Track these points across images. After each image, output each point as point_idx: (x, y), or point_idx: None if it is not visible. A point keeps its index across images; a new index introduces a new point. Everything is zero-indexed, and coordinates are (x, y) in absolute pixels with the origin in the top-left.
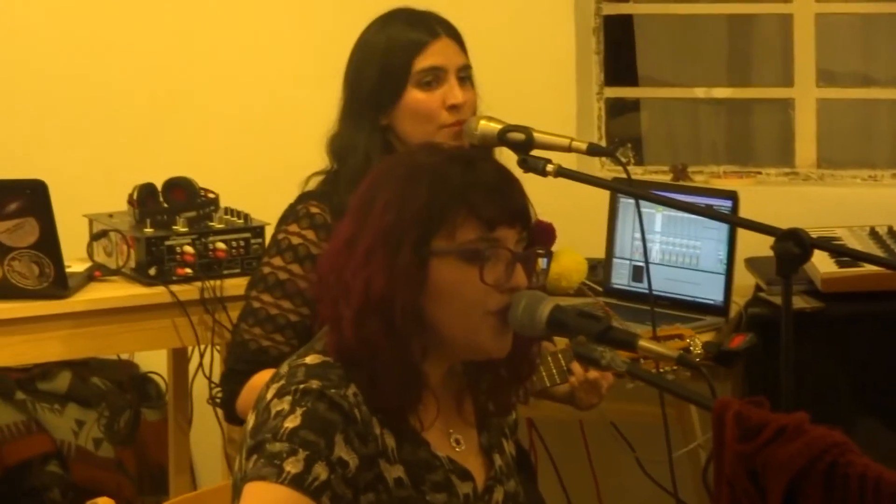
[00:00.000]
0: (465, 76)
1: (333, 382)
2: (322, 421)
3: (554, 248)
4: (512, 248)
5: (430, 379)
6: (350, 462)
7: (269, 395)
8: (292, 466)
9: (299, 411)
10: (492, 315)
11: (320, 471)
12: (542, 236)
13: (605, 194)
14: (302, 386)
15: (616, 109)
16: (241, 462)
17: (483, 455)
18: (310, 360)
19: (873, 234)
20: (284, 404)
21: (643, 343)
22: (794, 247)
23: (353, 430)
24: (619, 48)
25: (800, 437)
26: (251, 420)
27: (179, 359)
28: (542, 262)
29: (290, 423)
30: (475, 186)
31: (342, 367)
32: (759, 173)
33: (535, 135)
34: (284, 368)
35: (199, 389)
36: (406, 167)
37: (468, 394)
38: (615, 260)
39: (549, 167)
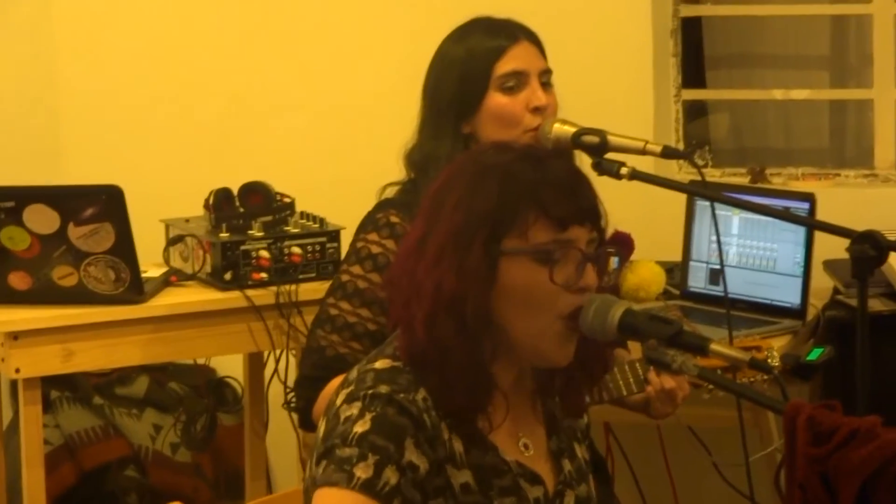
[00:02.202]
0: (546, 80)
1: (402, 387)
2: (391, 425)
3: (633, 258)
4: (583, 247)
5: (500, 381)
6: (420, 466)
7: (339, 401)
8: (362, 471)
9: (368, 416)
10: (561, 320)
11: (390, 475)
12: (620, 247)
13: (682, 197)
14: (371, 391)
15: (691, 113)
16: (312, 467)
17: (552, 459)
18: (379, 364)
19: None
20: (354, 409)
21: (715, 346)
22: (870, 249)
23: (423, 434)
24: (687, 51)
25: (872, 441)
26: (322, 426)
27: (255, 363)
28: (613, 262)
29: (360, 427)
30: (545, 184)
31: (412, 371)
32: (838, 175)
33: (610, 138)
34: (354, 373)
35: (275, 394)
36: (476, 166)
37: (538, 397)
38: (692, 263)
39: (624, 170)
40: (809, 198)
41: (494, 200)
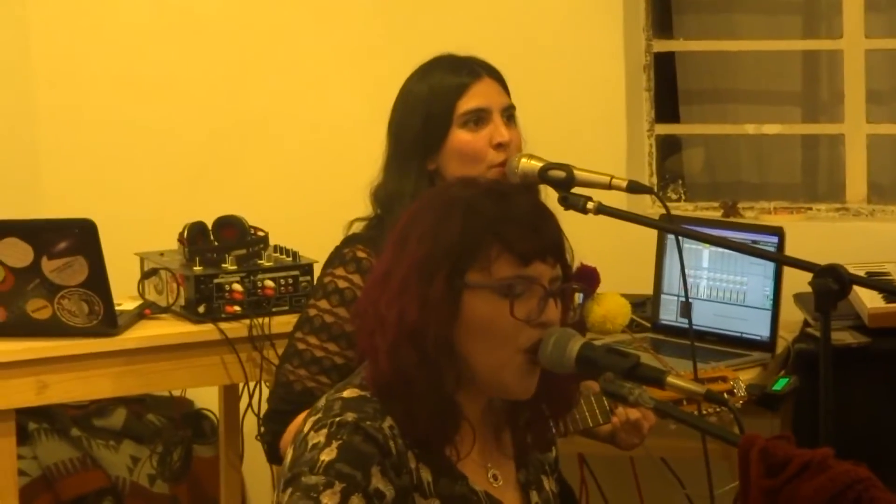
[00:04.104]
0: (509, 115)
1: (369, 415)
2: (358, 453)
3: (599, 291)
4: (546, 283)
5: (466, 411)
6: (387, 493)
7: (307, 428)
8: (329, 499)
9: (335, 444)
10: (521, 353)
11: (356, 502)
12: (586, 280)
13: (654, 231)
14: (338, 419)
15: (667, 148)
16: (279, 494)
17: (521, 491)
18: (347, 393)
19: None
20: (321, 437)
21: (671, 379)
22: (832, 282)
23: (389, 461)
24: (661, 86)
25: (824, 473)
26: (289, 453)
27: (230, 395)
28: (578, 298)
29: (326, 455)
30: (508, 220)
31: (379, 400)
32: (810, 209)
33: (576, 172)
34: (322, 402)
35: (251, 426)
36: (442, 200)
37: (507, 429)
38: (663, 296)
39: (590, 204)
40: (778, 232)
41: (458, 234)
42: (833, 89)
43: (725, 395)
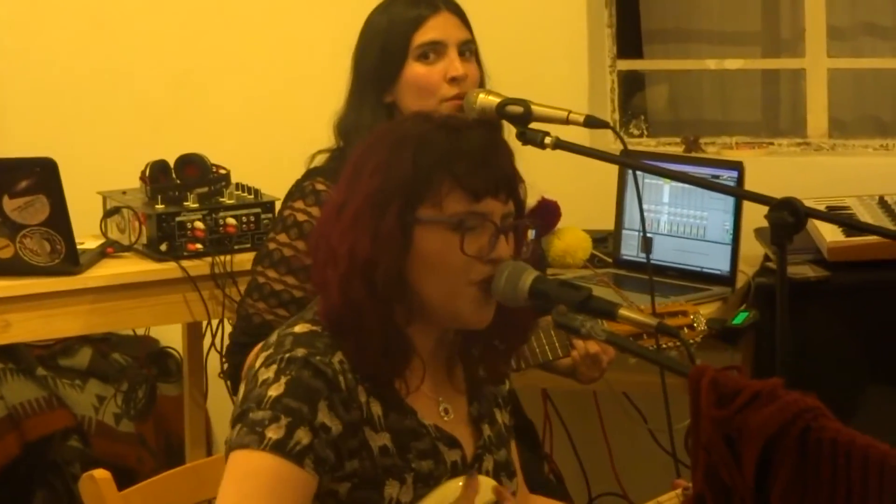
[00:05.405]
0: (466, 50)
1: (319, 350)
2: (306, 388)
3: (560, 225)
4: (497, 219)
5: (418, 345)
6: (333, 428)
7: (258, 364)
8: (274, 433)
9: (284, 380)
10: (473, 285)
11: (302, 435)
12: (546, 215)
13: (616, 167)
14: (288, 354)
15: (632, 86)
16: (229, 430)
17: (472, 424)
18: (298, 328)
19: (882, 203)
20: (270, 373)
21: (623, 312)
22: (788, 216)
23: (338, 397)
24: (623, 20)
25: (773, 403)
26: (241, 388)
27: (194, 333)
28: (531, 233)
29: (274, 391)
30: (459, 155)
31: (330, 335)
32: (772, 144)
33: (533, 107)
34: (273, 337)
35: (215, 364)
36: (395, 134)
37: (460, 362)
38: (624, 231)
39: (548, 140)
40: (738, 166)
41: (410, 169)
42: (795, 29)
43: (686, 330)
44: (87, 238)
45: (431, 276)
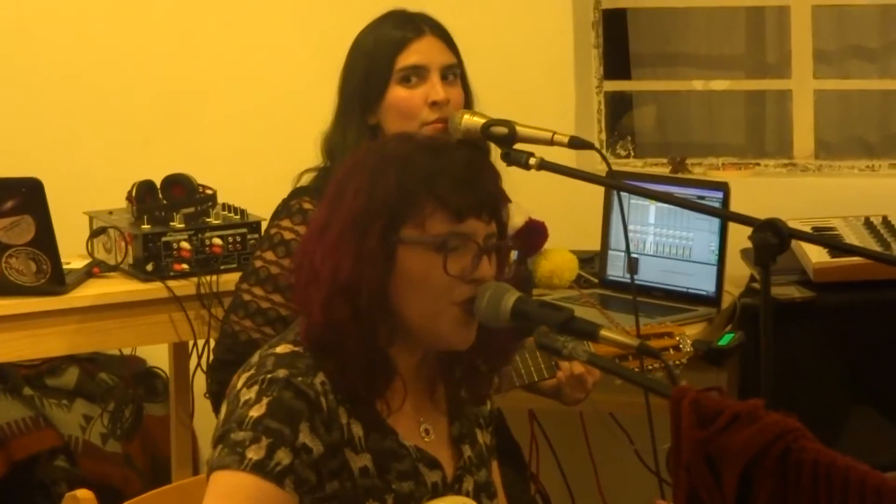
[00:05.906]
0: (450, 73)
1: (301, 371)
2: (287, 409)
3: (547, 246)
4: (480, 240)
5: (399, 366)
6: (314, 449)
7: (240, 384)
8: (254, 453)
9: (265, 400)
10: (456, 306)
11: (283, 456)
12: (533, 236)
13: (602, 188)
14: (269, 375)
15: (621, 108)
16: (210, 451)
17: (453, 445)
18: (280, 349)
19: (868, 224)
20: (251, 394)
21: (604, 333)
22: (771, 237)
23: (319, 418)
24: (611, 43)
25: (754, 424)
26: (223, 408)
27: (180, 353)
28: (513, 254)
29: (255, 412)
30: (442, 175)
31: (311, 356)
32: (758, 164)
33: (518, 128)
34: (255, 358)
35: (201, 383)
36: (378, 155)
37: (441, 383)
38: (610, 252)
39: (532, 160)
40: (723, 187)
41: (393, 189)
42: (780, 51)
43: (671, 351)
44: (73, 258)
45: (414, 297)
